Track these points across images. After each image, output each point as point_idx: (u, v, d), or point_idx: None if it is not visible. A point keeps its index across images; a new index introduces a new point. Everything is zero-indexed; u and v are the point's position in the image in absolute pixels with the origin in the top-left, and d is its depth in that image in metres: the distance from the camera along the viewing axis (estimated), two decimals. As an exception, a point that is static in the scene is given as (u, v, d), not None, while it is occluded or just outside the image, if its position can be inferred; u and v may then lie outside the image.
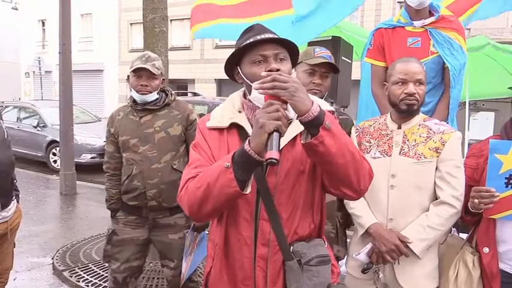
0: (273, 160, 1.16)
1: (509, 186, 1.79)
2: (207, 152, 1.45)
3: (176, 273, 2.65)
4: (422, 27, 2.71)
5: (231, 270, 1.46)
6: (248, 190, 1.28)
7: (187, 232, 2.57)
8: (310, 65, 2.24)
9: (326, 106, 1.45)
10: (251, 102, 1.43)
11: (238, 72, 1.45)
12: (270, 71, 1.31)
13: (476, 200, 1.78)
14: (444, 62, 2.66)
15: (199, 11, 3.91)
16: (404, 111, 1.94)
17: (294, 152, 1.39)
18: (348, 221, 2.50)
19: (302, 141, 1.28)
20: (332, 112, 1.45)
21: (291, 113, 1.26)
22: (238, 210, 1.42)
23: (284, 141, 1.37)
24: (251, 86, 1.36)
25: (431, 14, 2.73)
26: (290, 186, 1.39)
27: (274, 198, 1.38)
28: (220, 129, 1.47)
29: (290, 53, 1.43)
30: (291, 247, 1.40)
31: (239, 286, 1.45)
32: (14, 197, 2.56)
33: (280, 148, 1.29)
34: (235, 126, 1.45)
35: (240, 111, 1.47)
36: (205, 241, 2.83)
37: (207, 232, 2.80)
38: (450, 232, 2.10)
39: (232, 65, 1.47)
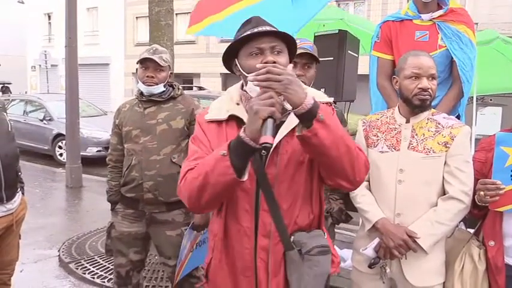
0: (267, 144, 1.19)
1: None
2: (206, 145, 1.46)
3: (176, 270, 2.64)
4: (430, 20, 2.68)
5: (231, 261, 1.47)
6: (245, 177, 1.30)
7: (185, 229, 2.56)
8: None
9: (323, 97, 1.47)
10: (248, 93, 1.45)
11: (236, 65, 1.46)
12: (266, 63, 1.32)
13: (482, 193, 1.78)
14: (452, 57, 2.63)
15: (195, 12, 3.87)
16: (418, 106, 1.91)
17: (293, 143, 1.40)
18: (341, 218, 2.50)
19: (296, 133, 1.31)
20: (329, 104, 1.46)
21: (288, 105, 1.28)
22: (238, 202, 1.44)
23: (283, 132, 1.40)
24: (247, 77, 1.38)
25: (439, 7, 2.69)
26: (290, 177, 1.40)
27: (273, 189, 1.39)
28: (218, 122, 1.48)
29: (288, 45, 1.44)
30: (292, 237, 1.41)
31: (239, 277, 1.46)
32: (19, 189, 2.57)
33: (280, 139, 1.35)
34: (233, 119, 1.46)
35: (238, 104, 1.49)
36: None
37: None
38: (457, 226, 2.09)
39: (231, 57, 1.48)
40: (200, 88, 9.46)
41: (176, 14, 17.42)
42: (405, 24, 2.75)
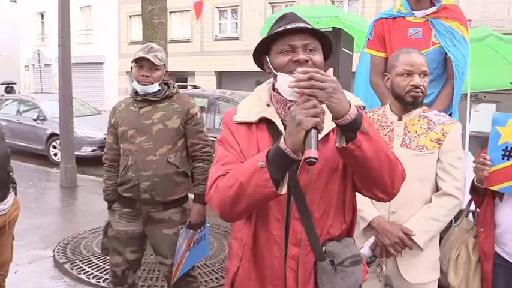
0: (312, 159, 1.10)
1: (505, 158, 1.88)
2: (236, 148, 1.38)
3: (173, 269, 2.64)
4: (423, 17, 2.68)
5: (260, 270, 1.42)
6: (284, 190, 1.22)
7: (182, 228, 2.55)
8: None
9: (356, 101, 1.38)
10: (281, 95, 1.37)
11: (267, 61, 1.40)
12: (297, 61, 1.28)
13: (475, 165, 1.89)
14: (446, 53, 2.64)
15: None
16: (410, 104, 1.92)
17: (327, 150, 1.33)
18: None
19: (337, 145, 1.22)
20: (362, 108, 1.40)
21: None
22: (268, 209, 1.37)
23: None
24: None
25: (432, 4, 2.70)
26: (323, 185, 1.34)
27: (306, 197, 1.33)
28: (248, 124, 1.41)
29: (323, 45, 1.37)
30: (324, 247, 1.35)
31: (268, 286, 1.40)
32: (11, 190, 2.55)
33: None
34: (264, 121, 1.39)
35: (268, 105, 1.41)
36: (207, 241, 2.80)
37: (207, 232, 2.79)
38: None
39: (261, 54, 1.42)
40: (195, 87, 9.44)
41: (170, 12, 17.39)
42: (398, 21, 2.76)
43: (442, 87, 2.71)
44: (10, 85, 12.84)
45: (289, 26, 1.32)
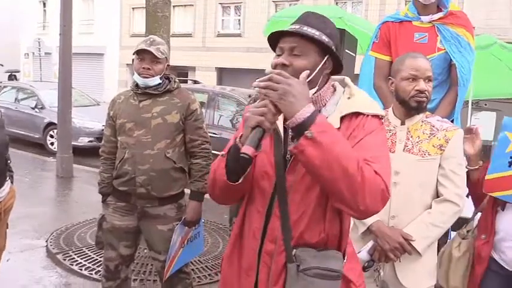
0: (244, 155, 1.16)
1: None
2: None
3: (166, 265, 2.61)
4: (429, 22, 2.67)
5: (240, 258, 1.47)
6: (238, 182, 1.32)
7: (177, 224, 2.53)
8: None
9: (372, 109, 1.35)
10: None
11: None
12: (276, 65, 1.31)
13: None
14: (451, 59, 2.63)
15: None
16: (414, 108, 1.92)
17: None
18: None
19: (288, 147, 1.27)
20: (380, 117, 1.35)
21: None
22: (254, 201, 1.42)
23: None
24: None
25: (439, 10, 2.69)
26: (304, 188, 1.33)
27: (288, 196, 1.34)
28: None
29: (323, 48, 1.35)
30: (294, 250, 1.33)
31: (243, 275, 1.44)
32: (8, 178, 2.53)
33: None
34: None
35: None
36: (201, 238, 2.78)
37: (202, 229, 2.77)
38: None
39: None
40: (195, 82, 9.41)
41: (173, 6, 17.32)
42: (404, 25, 2.75)
43: (446, 93, 2.71)
44: (13, 73, 12.81)
45: (287, 28, 1.35)
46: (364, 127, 1.31)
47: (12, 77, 12.25)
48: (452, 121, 2.58)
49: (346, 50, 3.67)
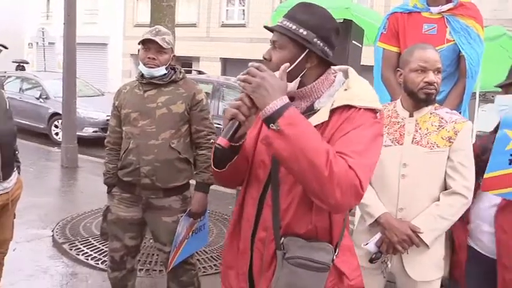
0: (218, 146, 1.24)
1: None
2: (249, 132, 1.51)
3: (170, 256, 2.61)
4: (439, 13, 2.64)
5: (237, 241, 1.53)
6: (224, 169, 1.42)
7: (181, 216, 2.52)
8: None
9: (367, 102, 1.31)
10: None
11: None
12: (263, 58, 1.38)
13: None
14: (460, 51, 2.60)
15: None
16: (423, 100, 1.89)
17: None
18: None
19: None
20: (375, 111, 1.32)
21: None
22: (250, 188, 1.48)
23: None
24: None
25: (448, 0, 2.66)
26: (292, 179, 1.33)
27: (280, 186, 1.38)
28: None
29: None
30: (282, 239, 1.37)
31: (239, 256, 1.50)
32: (15, 168, 2.54)
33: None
34: None
35: None
36: (206, 230, 2.77)
37: (207, 221, 2.77)
38: None
39: None
40: (199, 72, 9.39)
41: (177, -5, 17.21)
42: (413, 16, 2.71)
43: (454, 85, 2.68)
44: (22, 64, 12.79)
45: (277, 23, 1.41)
46: (353, 120, 1.29)
47: (20, 67, 12.23)
48: (460, 113, 2.56)
49: (353, 41, 3.65)
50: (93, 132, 9.04)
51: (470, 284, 2.07)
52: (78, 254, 3.76)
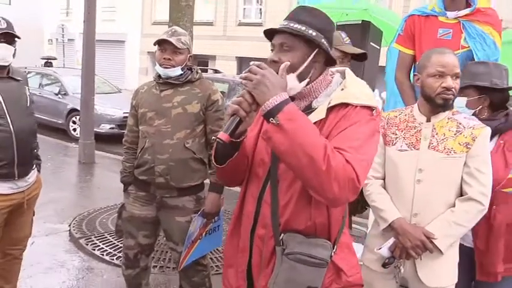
0: (219, 140, 1.27)
1: None
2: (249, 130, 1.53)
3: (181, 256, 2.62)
4: (455, 18, 2.62)
5: (237, 238, 1.56)
6: (224, 165, 1.44)
7: (194, 216, 2.54)
8: (342, 51, 2.22)
9: (363, 100, 1.36)
10: None
11: None
12: (269, 61, 1.40)
13: None
14: (473, 57, 2.58)
15: None
16: (440, 106, 1.88)
17: None
18: (356, 208, 2.49)
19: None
20: (371, 108, 1.36)
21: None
22: (250, 186, 1.52)
23: None
24: None
25: (468, 5, 2.63)
26: (291, 176, 1.37)
27: (279, 183, 1.41)
28: None
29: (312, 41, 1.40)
30: (282, 235, 1.40)
31: (239, 253, 1.54)
32: (34, 167, 2.52)
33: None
34: None
35: None
36: (220, 232, 2.76)
37: (222, 223, 2.77)
38: None
39: None
40: (216, 71, 9.43)
41: (195, -6, 17.24)
42: (430, 20, 2.70)
43: None
44: (49, 61, 13.03)
45: (279, 25, 1.42)
46: (349, 118, 1.34)
47: (48, 64, 12.51)
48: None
49: (371, 43, 3.64)
50: (110, 128, 9.16)
51: None
52: (94, 249, 3.83)
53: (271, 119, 1.22)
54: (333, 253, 1.41)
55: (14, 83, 2.42)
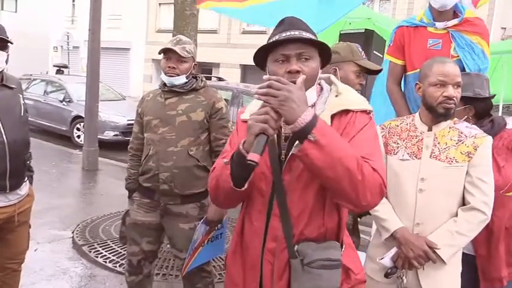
0: (252, 162, 1.20)
1: None
2: (236, 143, 1.46)
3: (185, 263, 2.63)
4: (444, 28, 2.66)
5: (244, 256, 1.53)
6: (244, 187, 1.36)
7: (198, 224, 2.54)
8: (361, 66, 2.26)
9: (358, 104, 1.43)
10: None
11: (267, 67, 1.46)
12: (289, 72, 1.34)
13: None
14: (463, 67, 2.61)
15: None
16: (442, 115, 1.88)
17: None
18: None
19: (291, 151, 1.32)
20: (367, 112, 1.42)
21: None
22: (254, 202, 1.48)
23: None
24: None
25: (455, 15, 2.67)
26: (302, 186, 1.39)
27: (287, 195, 1.39)
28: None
29: (320, 48, 1.41)
30: (296, 246, 1.39)
31: (248, 272, 1.50)
32: (26, 179, 2.38)
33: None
34: None
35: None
36: (223, 240, 2.75)
37: (225, 231, 2.76)
38: None
39: (263, 58, 1.47)
40: (219, 79, 9.45)
41: (199, 2, 17.35)
42: (419, 30, 2.75)
43: None
44: (61, 68, 13.10)
45: (284, 34, 1.36)
46: (354, 124, 1.38)
47: (60, 71, 12.61)
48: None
49: (374, 51, 3.64)
50: (114, 135, 9.19)
51: None
52: (97, 256, 3.83)
53: (309, 135, 1.21)
54: (341, 252, 1.44)
55: (7, 91, 2.27)
